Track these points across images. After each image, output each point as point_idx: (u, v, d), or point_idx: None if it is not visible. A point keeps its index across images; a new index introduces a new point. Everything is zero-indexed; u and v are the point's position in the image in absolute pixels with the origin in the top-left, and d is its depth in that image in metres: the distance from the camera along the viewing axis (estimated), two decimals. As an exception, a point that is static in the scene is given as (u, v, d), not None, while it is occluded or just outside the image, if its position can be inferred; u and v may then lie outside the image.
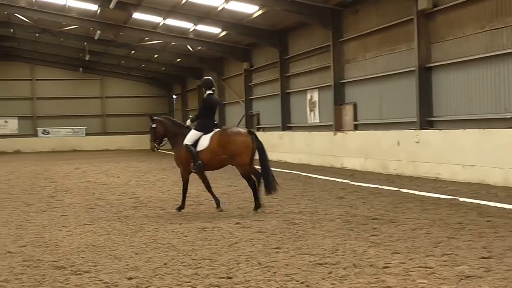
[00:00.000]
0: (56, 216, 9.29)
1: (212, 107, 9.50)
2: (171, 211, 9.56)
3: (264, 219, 8.41)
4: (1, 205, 10.91)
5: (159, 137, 9.81)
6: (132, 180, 15.96)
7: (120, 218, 8.98)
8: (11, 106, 42.62)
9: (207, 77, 9.79)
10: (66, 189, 13.92)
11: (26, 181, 16.51)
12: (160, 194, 12.36)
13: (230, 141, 9.13)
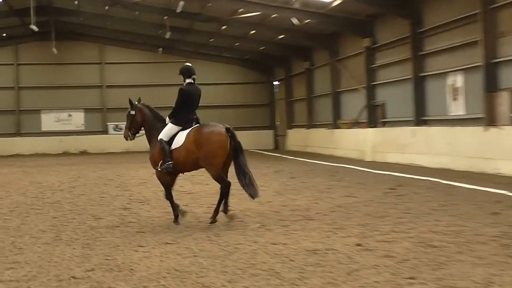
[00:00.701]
0: (130, 233, 9.64)
1: (191, 98, 10.33)
2: (272, 228, 9.64)
3: (392, 239, 8.26)
4: (65, 218, 11.49)
5: (136, 126, 10.85)
6: (225, 188, 16.28)
7: (209, 236, 9.17)
8: (75, 96, 44.58)
9: (187, 63, 10.73)
10: (143, 199, 14.40)
11: (94, 189, 17.33)
12: (259, 206, 12.47)
13: (205, 139, 9.96)
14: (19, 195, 15.96)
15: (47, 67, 44.45)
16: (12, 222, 11.04)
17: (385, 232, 8.87)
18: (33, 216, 11.82)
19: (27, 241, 9.06)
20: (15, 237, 9.36)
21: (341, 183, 16.61)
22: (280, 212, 11.43)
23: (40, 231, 9.97)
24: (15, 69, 44.29)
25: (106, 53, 45.56)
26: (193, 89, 10.48)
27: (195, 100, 10.49)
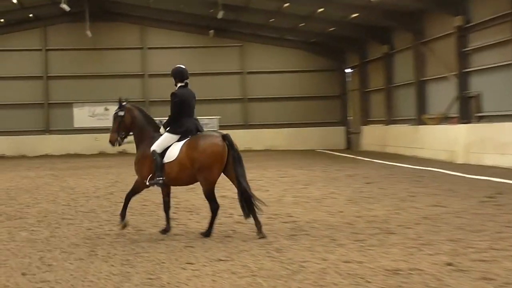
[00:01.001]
0: (177, 248, 9.74)
1: (186, 103, 10.90)
2: (345, 243, 9.59)
3: (491, 258, 8.13)
4: (101, 230, 11.69)
5: (125, 129, 11.44)
6: (287, 196, 16.26)
7: (269, 252, 9.19)
8: (113, 87, 44.83)
9: (179, 65, 11.29)
10: (192, 208, 14.56)
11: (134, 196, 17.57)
12: (329, 216, 12.43)
13: (198, 149, 10.49)
14: (48, 202, 16.32)
15: (80, 53, 45.28)
16: (41, 234, 11.30)
17: (482, 250, 8.71)
18: (64, 227, 12.07)
19: (58, 256, 9.26)
20: (43, 252, 9.58)
21: (427, 190, 16.36)
22: (354, 224, 11.34)
23: (72, 244, 10.17)
24: (43, 55, 45.24)
25: (148, 36, 46.16)
26: (187, 93, 11.02)
27: (191, 105, 11.02)
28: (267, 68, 46.09)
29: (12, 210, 14.74)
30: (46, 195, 18.05)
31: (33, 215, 13.82)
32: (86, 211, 14.32)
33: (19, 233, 11.34)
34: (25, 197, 17.45)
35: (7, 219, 13.17)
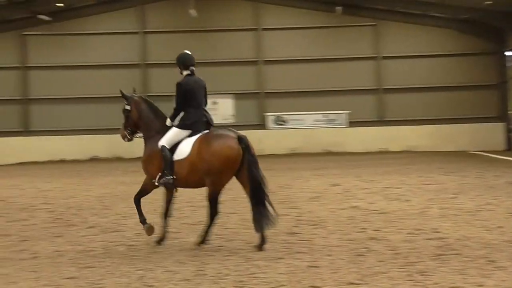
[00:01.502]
0: (299, 268, 9.79)
1: (193, 94, 11.76)
2: (506, 265, 9.40)
3: None
4: (209, 246, 11.85)
5: (133, 124, 12.34)
6: (433, 207, 16.06)
7: (411, 274, 9.12)
8: (222, 77, 45.46)
9: (185, 51, 12.12)
10: (316, 220, 14.60)
11: (247, 205, 17.45)
12: (485, 233, 12.23)
13: (208, 149, 11.20)
14: (148, 212, 16.74)
15: (182, 36, 45.96)
16: (140, 249, 11.66)
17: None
18: (168, 241, 12.32)
19: (160, 276, 9.50)
20: (143, 270, 9.86)
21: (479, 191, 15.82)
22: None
23: (176, 262, 10.41)
24: (141, 39, 46.38)
25: (263, 15, 46.46)
26: (193, 82, 11.88)
27: (199, 95, 11.89)
28: (407, 52, 45.47)
29: (107, 221, 15.22)
30: (145, 204, 18.44)
31: (130, 227, 14.22)
32: (192, 223, 14.59)
33: (116, 248, 11.75)
34: (122, 206, 17.94)
35: (101, 232, 13.63)
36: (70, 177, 29.43)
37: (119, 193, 21.72)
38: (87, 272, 9.79)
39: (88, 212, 16.80)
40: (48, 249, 11.84)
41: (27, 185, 25.86)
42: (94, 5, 45.90)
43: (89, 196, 21.02)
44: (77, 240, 12.76)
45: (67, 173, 32.76)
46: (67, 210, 17.39)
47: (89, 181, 27.00)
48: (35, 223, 15.10)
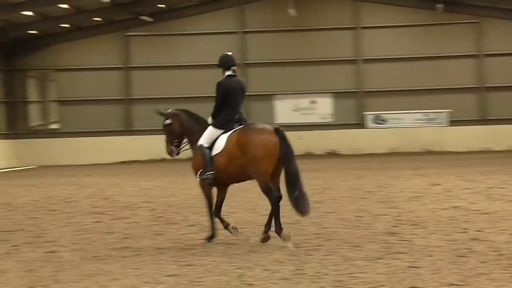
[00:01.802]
0: (399, 268, 9.72)
1: (232, 94, 12.24)
2: None
3: None
4: (309, 245, 11.88)
5: (177, 136, 12.95)
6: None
7: (517, 276, 8.98)
8: (320, 76, 45.72)
9: (226, 53, 12.67)
10: (417, 220, 14.44)
11: (347, 205, 17.71)
12: None
13: (249, 141, 11.68)
14: (246, 211, 16.89)
15: (282, 35, 46.24)
16: (239, 248, 11.75)
17: None
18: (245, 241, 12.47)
19: (259, 274, 9.56)
20: (242, 269, 9.93)
21: None
22: None
23: (275, 261, 10.44)
24: (240, 38, 46.68)
25: (362, 13, 46.32)
26: (234, 83, 12.39)
27: (237, 96, 12.36)
28: (511, 49, 44.53)
29: (206, 220, 15.31)
30: (243, 202, 18.63)
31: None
32: (290, 223, 14.56)
33: (215, 247, 11.88)
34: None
35: (201, 230, 13.70)
36: (170, 176, 29.91)
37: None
38: (188, 270, 9.91)
39: (189, 211, 17.03)
40: (150, 246, 12.06)
41: (129, 183, 26.38)
42: (195, 6, 46.44)
43: (189, 194, 21.29)
44: (177, 238, 12.97)
45: (168, 172, 33.29)
46: (168, 209, 17.66)
47: (189, 179, 27.26)
48: (137, 221, 15.40)
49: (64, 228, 14.78)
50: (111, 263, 10.62)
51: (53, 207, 18.95)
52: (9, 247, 12.43)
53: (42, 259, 11.08)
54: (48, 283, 9.33)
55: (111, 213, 17.14)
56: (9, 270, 10.23)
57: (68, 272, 10.02)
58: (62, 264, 10.64)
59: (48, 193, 23.60)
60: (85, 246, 12.35)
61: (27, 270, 10.21)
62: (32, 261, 10.98)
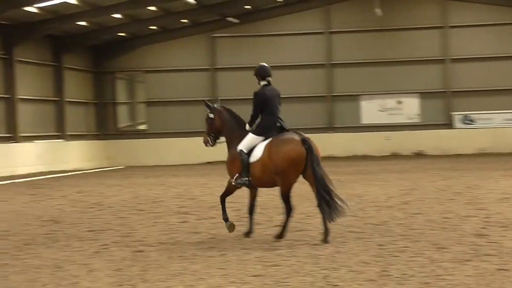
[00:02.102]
0: (488, 271, 9.58)
1: (269, 103, 12.98)
2: None
3: None
4: (394, 246, 11.81)
5: (216, 131, 13.71)
6: None
7: None
8: (407, 76, 45.40)
9: (262, 63, 13.41)
10: (506, 222, 14.27)
11: (434, 206, 17.54)
12: None
13: (276, 151, 12.47)
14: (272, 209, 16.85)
15: (368, 35, 46.08)
16: (324, 249, 11.73)
17: None
18: (352, 241, 12.42)
19: (344, 276, 9.53)
20: (328, 270, 9.92)
21: None
22: None
23: (361, 262, 10.42)
24: (326, 39, 46.56)
25: (450, 12, 45.75)
26: (269, 92, 13.18)
27: (274, 104, 13.09)
28: None
29: (292, 220, 15.38)
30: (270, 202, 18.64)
31: (315, 226, 14.30)
32: (376, 224, 14.59)
33: (301, 248, 11.88)
34: (306, 205, 18.13)
35: (287, 231, 13.80)
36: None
37: (302, 193, 21.89)
38: (273, 271, 9.95)
39: (273, 211, 17.09)
40: (235, 247, 12.14)
41: (216, 183, 26.59)
42: (280, 7, 46.54)
43: (273, 195, 21.27)
44: (263, 238, 13.02)
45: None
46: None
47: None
48: (223, 221, 15.50)
49: (152, 228, 15.01)
50: (197, 262, 10.73)
51: (141, 207, 19.27)
52: (98, 246, 12.68)
53: (130, 258, 11.27)
54: (136, 282, 9.48)
55: (197, 213, 17.33)
56: (98, 269, 10.43)
57: (155, 271, 10.17)
58: (149, 263, 10.81)
59: (136, 193, 23.99)
60: (172, 245, 12.52)
61: (115, 269, 10.39)
62: (120, 260, 11.17)
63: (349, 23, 46.04)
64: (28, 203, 21.52)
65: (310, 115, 45.85)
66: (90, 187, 27.03)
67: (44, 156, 39.85)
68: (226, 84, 46.84)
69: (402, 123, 45.33)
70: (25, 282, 9.70)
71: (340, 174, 29.61)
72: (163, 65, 47.63)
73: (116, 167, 43.96)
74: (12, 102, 38.34)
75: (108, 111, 48.67)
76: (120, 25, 44.18)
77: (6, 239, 13.99)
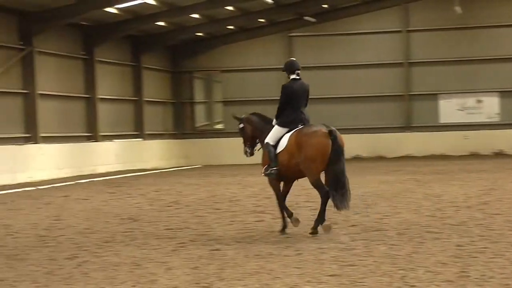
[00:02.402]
0: None
1: (295, 96, 13.49)
2: None
3: None
4: (473, 247, 11.59)
5: (250, 139, 14.27)
6: None
7: None
8: (487, 74, 44.44)
9: (291, 58, 14.02)
10: None
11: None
12: None
13: (303, 141, 13.00)
14: (410, 212, 16.72)
15: (447, 33, 45.28)
16: (401, 249, 11.62)
17: None
18: (430, 242, 12.28)
19: (422, 276, 9.44)
20: (405, 270, 9.83)
21: None
22: None
23: (438, 263, 10.30)
24: (404, 37, 46.04)
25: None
26: (297, 86, 13.64)
27: (301, 98, 13.57)
28: None
29: (368, 220, 15.37)
30: (407, 203, 18.51)
31: (392, 226, 14.27)
32: (454, 224, 14.44)
33: (377, 247, 11.80)
34: (383, 205, 18.08)
35: (363, 231, 13.77)
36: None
37: (380, 192, 21.84)
38: (349, 270, 9.90)
39: (350, 211, 17.01)
40: (312, 246, 12.12)
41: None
42: (358, 5, 46.27)
43: (352, 194, 21.26)
44: (339, 238, 12.96)
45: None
46: (329, 209, 17.65)
47: (351, 180, 27.20)
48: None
49: (228, 227, 15.10)
50: (273, 261, 10.75)
51: (217, 206, 19.39)
52: (175, 244, 12.79)
53: (207, 257, 11.35)
54: (213, 280, 9.54)
55: (273, 212, 17.30)
56: (176, 267, 10.52)
57: (231, 269, 10.22)
58: (226, 261, 10.86)
59: (213, 192, 24.15)
60: (248, 244, 12.58)
61: (192, 267, 10.47)
62: (197, 258, 11.25)
63: (428, 21, 45.47)
64: (107, 201, 21.85)
65: (388, 114, 45.50)
66: (167, 186, 27.31)
67: (123, 155, 40.40)
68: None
69: (482, 122, 44.60)
70: (104, 279, 9.84)
71: (418, 173, 29.42)
72: (240, 65, 47.80)
73: (193, 166, 44.30)
74: (93, 101, 38.93)
75: (186, 110, 49.06)
76: (198, 25, 44.45)
77: (87, 236, 14.23)
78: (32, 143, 33.22)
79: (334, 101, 46.03)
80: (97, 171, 36.69)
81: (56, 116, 36.36)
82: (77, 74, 38.40)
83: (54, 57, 36.34)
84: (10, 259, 11.66)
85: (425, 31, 45.63)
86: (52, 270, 10.56)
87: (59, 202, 21.76)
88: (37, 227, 15.79)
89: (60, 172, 33.87)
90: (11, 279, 10.02)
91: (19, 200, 20.24)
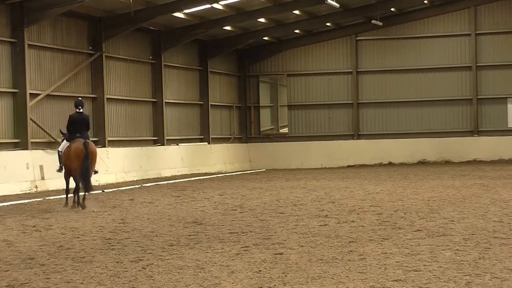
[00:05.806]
0: None
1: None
2: None
3: None
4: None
5: None
6: None
7: None
8: None
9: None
10: None
11: None
12: None
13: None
14: (476, 217, 16.49)
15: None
16: (468, 255, 11.45)
17: None
18: (496, 247, 12.09)
19: (488, 282, 9.31)
20: (470, 276, 9.70)
21: None
22: None
23: (505, 269, 10.15)
24: (472, 41, 45.44)
25: None
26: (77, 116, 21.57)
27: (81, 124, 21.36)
28: None
29: (434, 225, 15.20)
30: (474, 208, 18.28)
31: (458, 231, 14.09)
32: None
33: (443, 253, 11.65)
34: (449, 210, 17.88)
35: (428, 236, 13.62)
36: (397, 180, 29.73)
37: (447, 197, 21.61)
38: (414, 276, 9.80)
39: (415, 216, 16.88)
40: (376, 251, 12.01)
41: (357, 187, 26.49)
42: (426, 9, 45.80)
43: (416, 199, 21.11)
44: (403, 243, 12.83)
45: (395, 176, 33.13)
46: (394, 213, 17.56)
47: (417, 184, 27.10)
48: (363, 225, 15.41)
49: (292, 231, 15.04)
50: (337, 266, 10.68)
51: (281, 210, 19.34)
52: (239, 248, 12.79)
53: (271, 261, 11.32)
54: (276, 284, 9.52)
55: (337, 216, 17.27)
56: (239, 271, 10.52)
57: (295, 274, 10.18)
58: (290, 266, 10.83)
59: (277, 195, 24.12)
60: (312, 248, 12.50)
61: (256, 271, 10.46)
62: (260, 262, 11.24)
63: (498, 24, 44.86)
64: (172, 204, 21.98)
65: (455, 118, 45.03)
66: (232, 190, 27.38)
67: (188, 158, 40.62)
68: (369, 87, 46.53)
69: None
70: (169, 282, 9.88)
71: (485, 178, 29.05)
72: (306, 69, 47.74)
73: (257, 170, 44.36)
74: (160, 105, 39.25)
75: (251, 114, 49.16)
76: (265, 29, 44.47)
77: (152, 239, 14.32)
78: (99, 146, 33.62)
79: (401, 105, 45.74)
80: (163, 174, 36.95)
81: (123, 120, 36.76)
82: (145, 78, 38.74)
83: (122, 61, 36.74)
84: (76, 261, 11.78)
85: (493, 34, 45.00)
86: (117, 273, 10.65)
87: (125, 205, 21.97)
88: (103, 230, 15.94)
89: (126, 176, 34.22)
90: (77, 281, 10.13)
91: (86, 203, 20.48)
